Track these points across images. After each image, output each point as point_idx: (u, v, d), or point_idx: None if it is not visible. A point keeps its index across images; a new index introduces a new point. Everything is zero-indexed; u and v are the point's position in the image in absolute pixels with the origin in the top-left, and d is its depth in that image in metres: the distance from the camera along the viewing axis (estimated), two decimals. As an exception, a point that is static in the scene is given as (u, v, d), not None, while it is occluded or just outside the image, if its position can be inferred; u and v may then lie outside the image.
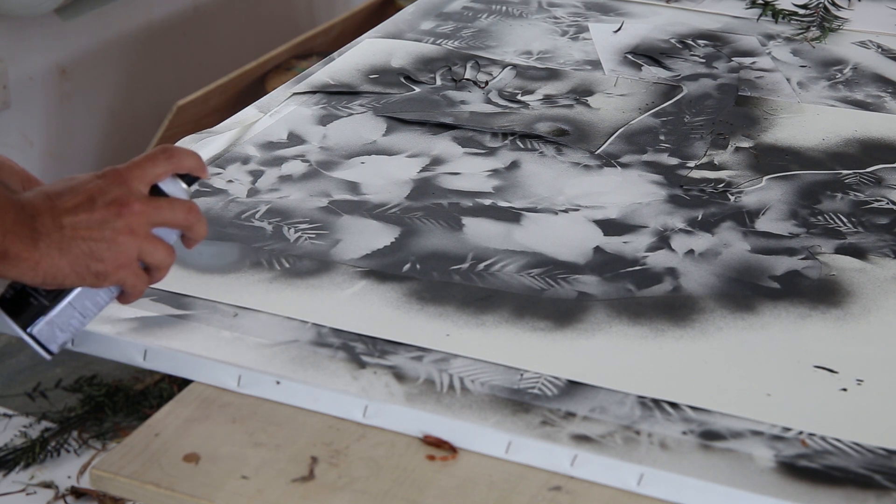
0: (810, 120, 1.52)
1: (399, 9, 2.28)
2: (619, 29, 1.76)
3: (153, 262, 1.03)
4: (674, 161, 1.42)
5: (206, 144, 1.40)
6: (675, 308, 1.15)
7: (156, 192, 1.04)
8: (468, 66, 1.63)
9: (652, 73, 1.64)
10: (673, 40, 1.73)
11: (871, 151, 1.44)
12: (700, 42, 1.73)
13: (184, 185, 1.05)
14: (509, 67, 1.63)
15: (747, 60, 1.67)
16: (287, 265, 1.19)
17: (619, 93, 1.57)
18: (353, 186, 1.35)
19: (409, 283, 1.17)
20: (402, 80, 1.58)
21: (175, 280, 1.17)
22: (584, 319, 1.13)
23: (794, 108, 1.55)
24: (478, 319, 1.13)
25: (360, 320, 1.12)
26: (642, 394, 1.04)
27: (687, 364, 1.08)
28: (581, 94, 1.57)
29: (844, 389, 1.06)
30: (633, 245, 1.26)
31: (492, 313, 1.13)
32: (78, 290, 1.02)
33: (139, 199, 1.02)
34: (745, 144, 1.46)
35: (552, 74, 1.62)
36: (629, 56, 1.68)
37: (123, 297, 1.04)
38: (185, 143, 1.41)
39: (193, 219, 1.04)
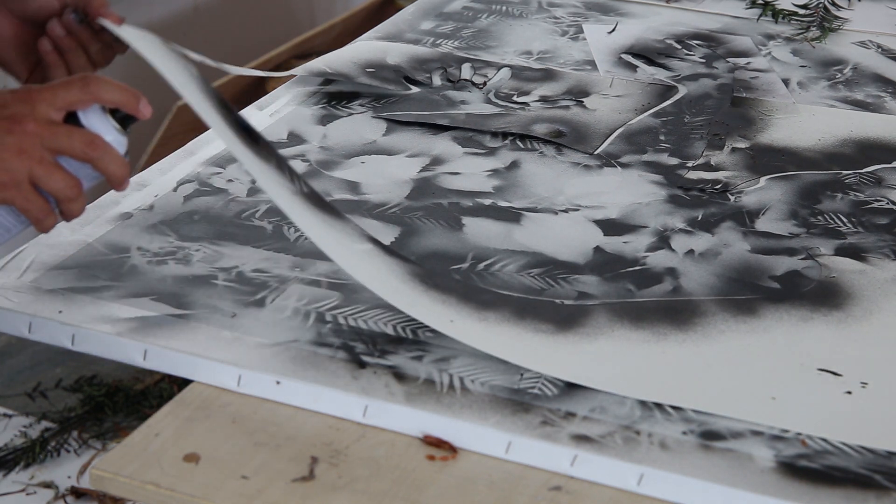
0: (806, 120, 1.52)
1: (399, 9, 2.28)
2: (614, 30, 1.76)
3: (50, 191, 0.99)
4: (674, 161, 1.42)
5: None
6: (677, 311, 1.15)
7: (75, 121, 1.00)
8: (463, 67, 1.63)
9: (648, 73, 1.64)
10: (668, 40, 1.74)
11: (867, 152, 1.45)
12: (694, 42, 1.73)
13: (113, 123, 1.01)
14: (505, 68, 1.63)
15: (742, 61, 1.68)
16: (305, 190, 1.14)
17: (614, 94, 1.57)
18: (353, 186, 1.36)
19: (412, 266, 1.16)
20: (401, 79, 1.58)
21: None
22: (585, 324, 1.13)
23: (789, 108, 1.55)
24: (480, 314, 1.12)
25: (372, 278, 1.10)
26: (647, 399, 1.04)
27: (690, 368, 1.08)
28: (577, 95, 1.57)
29: (849, 392, 1.06)
30: (633, 245, 1.26)
31: (494, 311, 1.13)
32: None
33: (37, 120, 0.98)
34: (742, 145, 1.46)
35: (548, 75, 1.62)
36: (624, 57, 1.68)
37: (36, 224, 1.01)
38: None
39: (93, 152, 1.00)
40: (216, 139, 1.45)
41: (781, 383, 1.06)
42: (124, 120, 1.04)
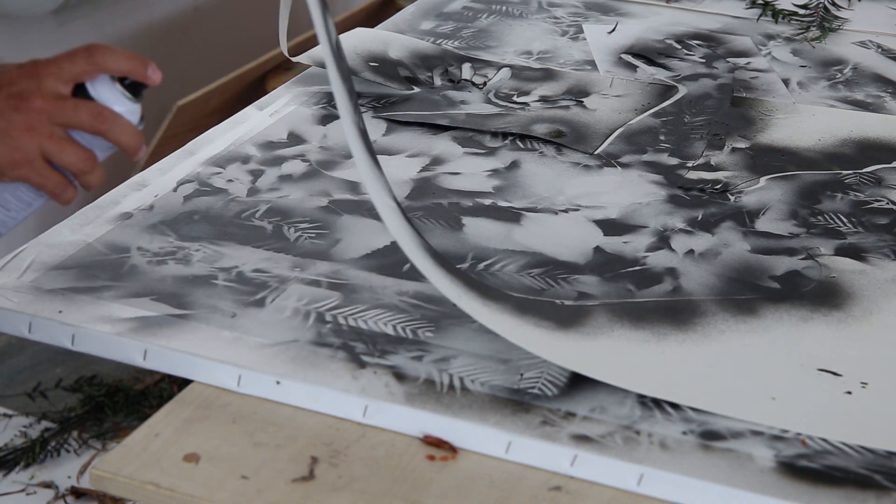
0: (806, 120, 1.52)
1: (399, 9, 2.28)
2: (614, 30, 1.76)
3: (64, 165, 0.99)
4: (674, 161, 1.42)
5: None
6: (677, 311, 1.15)
7: (84, 93, 0.99)
8: (463, 66, 1.63)
9: (648, 73, 1.64)
10: (668, 40, 1.74)
11: (867, 152, 1.45)
12: (694, 42, 1.73)
13: (121, 91, 1.00)
14: (505, 68, 1.63)
15: (742, 61, 1.68)
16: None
17: (614, 94, 1.57)
18: (354, 186, 1.35)
19: (424, 241, 1.14)
20: (403, 77, 1.58)
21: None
22: (585, 323, 1.13)
23: (789, 108, 1.55)
24: (483, 301, 1.12)
25: (397, 232, 1.07)
26: (648, 393, 1.04)
27: (690, 368, 1.08)
28: (577, 95, 1.57)
29: (849, 392, 1.05)
30: (633, 245, 1.26)
31: (496, 303, 1.12)
32: None
33: (44, 95, 0.97)
34: (742, 145, 1.46)
35: (547, 75, 1.62)
36: (624, 57, 1.68)
37: (54, 198, 1.01)
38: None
39: (102, 125, 0.99)
40: (216, 139, 1.45)
41: (781, 383, 1.06)
42: (135, 87, 1.02)
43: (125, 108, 1.02)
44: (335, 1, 3.11)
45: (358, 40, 1.63)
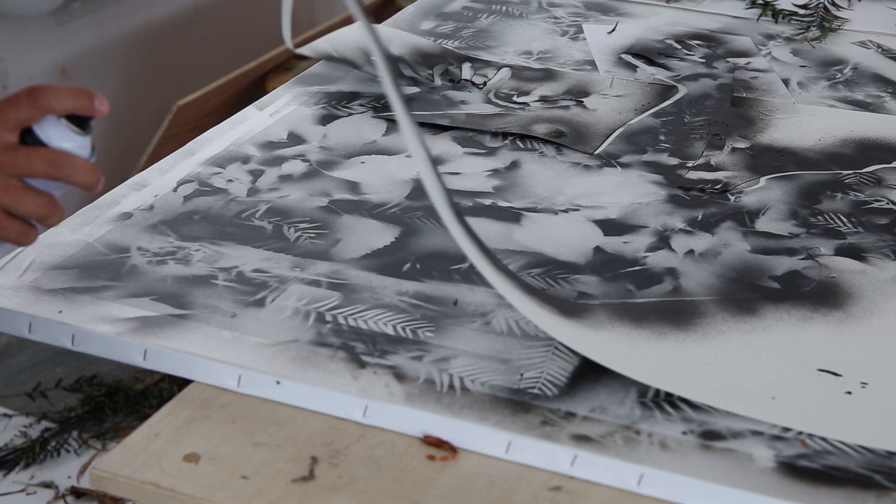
0: (806, 120, 1.52)
1: (399, 9, 2.28)
2: (614, 30, 1.76)
3: (24, 214, 0.97)
4: (674, 161, 1.42)
5: None
6: (677, 312, 1.15)
7: (32, 137, 0.97)
8: (464, 66, 1.63)
9: (648, 73, 1.64)
10: (668, 40, 1.74)
11: (867, 152, 1.45)
12: (694, 42, 1.73)
13: (68, 127, 0.98)
14: (505, 68, 1.63)
15: (742, 61, 1.68)
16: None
17: (614, 94, 1.57)
18: (353, 186, 1.36)
19: (451, 199, 1.13)
20: (405, 73, 1.58)
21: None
22: (587, 317, 1.13)
23: (789, 108, 1.55)
24: (493, 268, 1.10)
25: (428, 181, 1.06)
26: (649, 383, 1.04)
27: (691, 367, 1.08)
28: (577, 95, 1.57)
29: (849, 392, 1.05)
30: (633, 245, 1.26)
31: (506, 275, 1.11)
32: None
33: None
34: (742, 145, 1.46)
35: (548, 75, 1.62)
36: (624, 57, 1.68)
37: (17, 244, 1.00)
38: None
39: (58, 171, 0.97)
40: (216, 139, 1.45)
41: (781, 383, 1.06)
42: (81, 119, 1.00)
43: (75, 143, 0.99)
44: (335, 1, 3.11)
45: (360, 34, 1.63)
